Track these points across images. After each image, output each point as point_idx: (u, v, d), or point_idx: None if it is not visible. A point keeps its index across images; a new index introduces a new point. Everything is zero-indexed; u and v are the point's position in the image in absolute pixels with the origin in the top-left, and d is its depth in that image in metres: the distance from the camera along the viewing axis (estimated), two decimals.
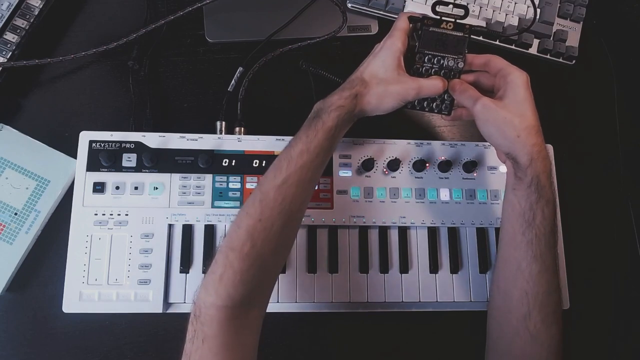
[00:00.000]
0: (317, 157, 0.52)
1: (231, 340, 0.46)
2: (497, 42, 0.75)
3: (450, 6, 0.57)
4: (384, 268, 0.65)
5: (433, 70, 0.58)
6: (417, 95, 0.56)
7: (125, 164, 0.63)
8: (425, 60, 0.58)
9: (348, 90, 0.55)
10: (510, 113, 0.54)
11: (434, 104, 0.60)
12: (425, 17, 0.57)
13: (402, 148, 0.68)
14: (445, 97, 0.60)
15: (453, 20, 0.57)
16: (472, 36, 0.58)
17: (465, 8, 0.57)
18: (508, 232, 0.57)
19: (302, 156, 0.51)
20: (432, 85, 0.57)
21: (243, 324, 0.48)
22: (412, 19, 0.58)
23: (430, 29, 0.57)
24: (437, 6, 0.57)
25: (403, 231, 0.66)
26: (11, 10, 0.67)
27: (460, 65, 0.58)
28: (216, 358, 0.45)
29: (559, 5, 0.77)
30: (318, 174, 0.54)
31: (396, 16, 0.74)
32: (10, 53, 0.66)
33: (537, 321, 0.53)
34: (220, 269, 0.48)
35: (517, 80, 0.55)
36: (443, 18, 0.57)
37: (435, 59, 0.58)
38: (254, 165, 0.65)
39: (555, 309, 0.55)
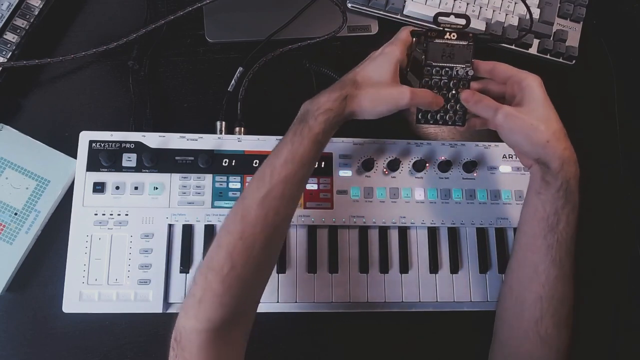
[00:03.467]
0: (302, 167, 0.50)
1: None
2: (494, 36, 0.75)
3: (452, 16, 0.57)
4: (384, 268, 0.65)
5: (442, 81, 0.57)
6: (410, 101, 0.54)
7: (125, 164, 0.63)
8: (434, 72, 0.57)
9: (338, 91, 0.52)
10: (535, 119, 0.52)
11: (447, 116, 0.59)
12: (428, 29, 0.57)
13: (402, 148, 0.68)
14: (458, 108, 0.58)
15: (456, 30, 0.57)
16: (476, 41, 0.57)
17: (466, 17, 0.57)
18: (527, 234, 0.56)
19: (286, 166, 0.49)
20: (424, 94, 0.55)
21: (225, 345, 0.47)
22: (415, 33, 0.57)
23: (435, 41, 0.57)
24: (438, 17, 0.57)
25: (403, 231, 0.66)
26: (11, 10, 0.67)
27: (470, 73, 0.57)
28: None
29: (559, 5, 0.77)
30: (303, 185, 0.52)
31: (396, 16, 0.74)
32: (10, 53, 0.66)
33: (549, 325, 0.53)
34: (199, 291, 0.46)
35: (533, 85, 0.54)
36: (446, 29, 0.57)
37: (443, 70, 0.57)
38: (254, 165, 0.65)
39: (568, 315, 0.54)
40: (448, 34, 0.57)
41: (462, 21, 0.57)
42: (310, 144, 0.50)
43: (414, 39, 0.58)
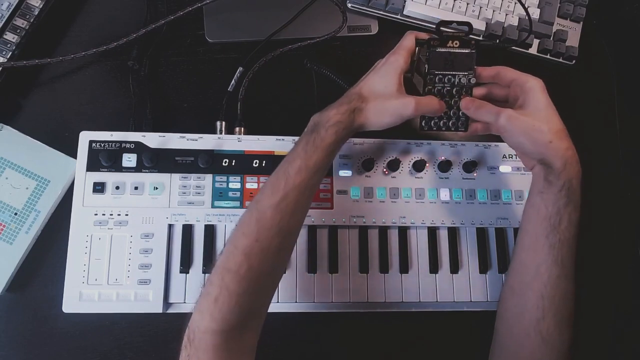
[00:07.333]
0: (315, 174, 0.52)
1: None
2: (496, 42, 0.75)
3: (454, 24, 0.58)
4: (384, 268, 0.65)
5: (445, 89, 0.58)
6: (414, 112, 0.55)
7: (125, 164, 0.63)
8: (437, 80, 0.57)
9: (346, 105, 0.54)
10: (537, 120, 0.53)
11: (450, 122, 0.59)
12: (431, 38, 0.57)
13: (402, 148, 0.68)
14: (461, 114, 0.59)
15: (458, 37, 0.57)
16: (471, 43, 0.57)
17: (468, 25, 0.58)
18: (529, 234, 0.56)
19: (300, 174, 0.51)
20: (429, 101, 0.56)
21: (238, 347, 0.47)
22: (419, 42, 0.58)
23: (437, 50, 0.57)
24: (440, 27, 0.57)
25: (403, 231, 0.66)
26: (11, 10, 0.67)
27: (472, 81, 0.57)
28: None
29: (559, 5, 0.77)
30: (315, 191, 0.54)
31: (396, 16, 0.74)
32: (10, 53, 0.66)
33: (551, 325, 0.53)
34: (215, 290, 0.47)
35: (536, 87, 0.55)
36: (448, 37, 0.57)
37: (446, 78, 0.57)
38: (254, 165, 0.65)
39: (570, 314, 0.54)
40: (450, 42, 0.57)
41: (465, 28, 0.57)
42: (322, 153, 0.52)
43: (417, 48, 0.58)
